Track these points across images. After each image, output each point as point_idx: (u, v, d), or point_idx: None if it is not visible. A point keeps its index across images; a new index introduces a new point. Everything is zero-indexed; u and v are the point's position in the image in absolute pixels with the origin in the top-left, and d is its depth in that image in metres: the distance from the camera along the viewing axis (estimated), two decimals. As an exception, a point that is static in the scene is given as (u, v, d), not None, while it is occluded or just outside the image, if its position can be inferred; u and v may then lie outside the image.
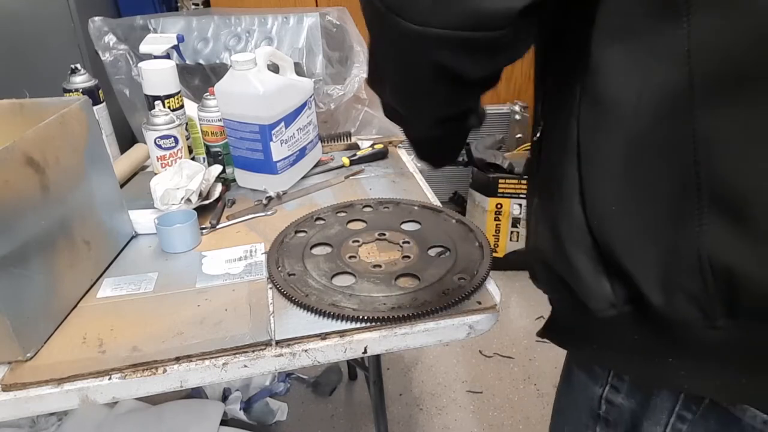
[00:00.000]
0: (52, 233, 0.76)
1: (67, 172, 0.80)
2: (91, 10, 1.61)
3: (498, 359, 1.88)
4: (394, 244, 0.90)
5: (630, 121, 0.42)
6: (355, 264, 0.85)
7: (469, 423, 1.65)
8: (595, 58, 0.43)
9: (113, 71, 1.43)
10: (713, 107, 0.39)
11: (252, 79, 1.02)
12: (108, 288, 0.84)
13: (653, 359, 0.48)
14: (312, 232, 0.95)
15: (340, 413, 1.70)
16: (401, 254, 0.87)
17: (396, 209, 1.01)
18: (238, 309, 0.78)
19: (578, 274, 0.47)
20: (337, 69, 1.54)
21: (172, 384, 0.69)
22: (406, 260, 0.85)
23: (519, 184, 2.12)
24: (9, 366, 0.69)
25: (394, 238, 0.91)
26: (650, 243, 0.43)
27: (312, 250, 0.90)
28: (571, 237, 0.47)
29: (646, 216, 0.43)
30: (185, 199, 0.99)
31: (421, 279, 0.80)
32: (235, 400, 1.62)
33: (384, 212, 1.01)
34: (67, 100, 0.84)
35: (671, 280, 0.42)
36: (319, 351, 0.72)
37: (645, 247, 0.43)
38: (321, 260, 0.87)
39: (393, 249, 0.89)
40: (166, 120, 1.07)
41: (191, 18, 1.60)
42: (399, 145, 1.34)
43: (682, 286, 0.42)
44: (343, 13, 1.55)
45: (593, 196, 0.45)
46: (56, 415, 1.47)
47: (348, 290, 0.78)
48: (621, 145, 0.43)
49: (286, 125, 1.08)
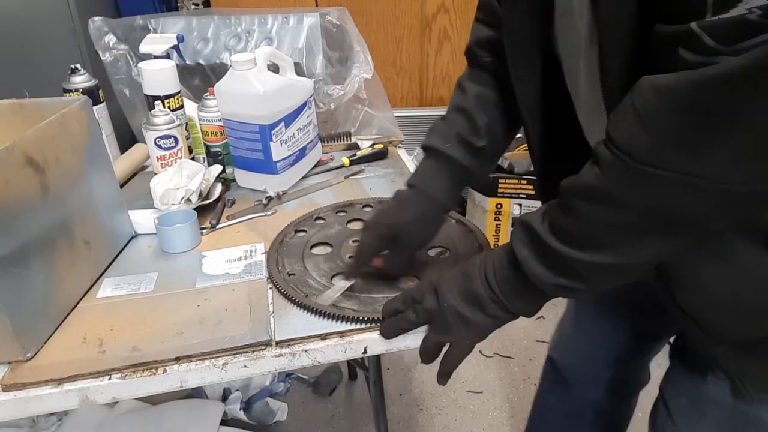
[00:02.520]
0: (52, 233, 0.76)
1: (67, 172, 0.80)
2: (91, 10, 1.60)
3: (498, 359, 1.88)
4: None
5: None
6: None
7: (469, 423, 1.65)
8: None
9: (113, 71, 1.43)
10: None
11: (252, 79, 1.02)
12: (108, 288, 0.84)
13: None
14: (312, 231, 0.95)
15: (340, 413, 1.70)
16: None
17: None
18: (238, 309, 0.78)
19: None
20: (337, 69, 1.54)
21: (172, 384, 0.69)
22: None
23: (519, 184, 2.12)
24: (9, 366, 0.69)
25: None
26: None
27: (312, 250, 0.90)
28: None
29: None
30: (185, 199, 0.99)
31: (421, 279, 0.80)
32: (235, 400, 1.62)
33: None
34: (67, 100, 0.84)
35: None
36: (319, 351, 0.72)
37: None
38: (321, 260, 0.87)
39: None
40: (166, 120, 1.07)
41: (191, 18, 1.60)
42: (399, 145, 1.34)
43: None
44: (343, 13, 1.55)
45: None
46: (56, 415, 1.47)
47: (348, 291, 0.78)
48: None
49: (286, 125, 1.08)
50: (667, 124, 0.43)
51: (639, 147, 0.45)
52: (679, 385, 0.71)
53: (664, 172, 0.44)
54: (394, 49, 2.35)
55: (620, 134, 0.47)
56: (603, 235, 0.52)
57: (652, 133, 0.44)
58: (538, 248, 0.56)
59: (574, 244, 0.53)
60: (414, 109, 2.30)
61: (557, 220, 0.55)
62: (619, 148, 0.47)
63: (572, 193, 0.53)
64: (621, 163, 0.46)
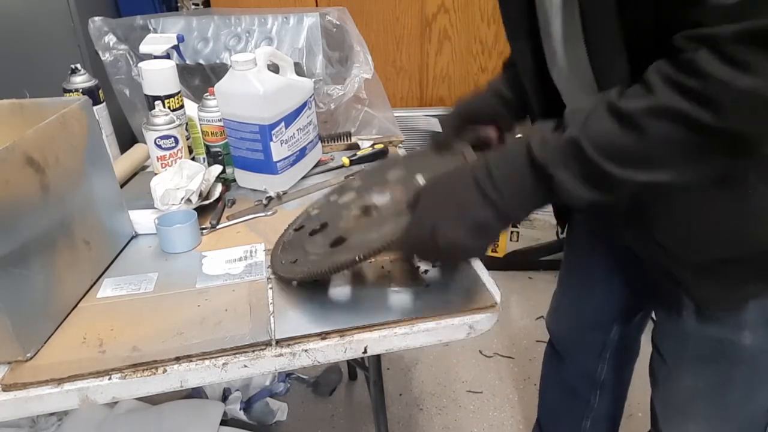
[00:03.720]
0: (52, 233, 0.76)
1: (67, 172, 0.80)
2: (91, 10, 1.60)
3: (498, 359, 1.88)
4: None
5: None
6: (349, 227, 0.83)
7: (469, 423, 1.65)
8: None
9: (113, 71, 1.43)
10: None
11: (252, 79, 1.02)
12: (108, 288, 0.84)
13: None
14: (309, 224, 0.94)
15: (340, 413, 1.70)
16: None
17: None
18: (238, 309, 0.78)
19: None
20: (337, 69, 1.54)
21: (172, 384, 0.69)
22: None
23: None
24: (9, 366, 0.69)
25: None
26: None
27: (311, 237, 0.88)
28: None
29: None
30: (185, 199, 0.99)
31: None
32: (235, 400, 1.62)
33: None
34: (67, 100, 0.84)
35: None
36: (319, 351, 0.72)
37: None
38: (318, 238, 0.85)
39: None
40: (166, 120, 1.07)
41: (191, 18, 1.60)
42: (399, 145, 1.34)
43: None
44: (343, 13, 1.54)
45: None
46: (56, 415, 1.47)
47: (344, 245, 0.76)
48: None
49: (286, 125, 1.08)
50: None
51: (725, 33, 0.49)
52: (663, 328, 0.82)
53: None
54: (394, 49, 2.35)
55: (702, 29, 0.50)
56: (672, 153, 0.54)
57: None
58: (581, 168, 0.57)
59: (631, 164, 0.55)
60: (414, 109, 2.30)
61: (610, 139, 0.55)
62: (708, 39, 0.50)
63: (644, 114, 0.54)
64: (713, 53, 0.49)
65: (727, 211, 0.63)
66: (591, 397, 1.12)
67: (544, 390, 1.25)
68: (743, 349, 0.71)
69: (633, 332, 1.06)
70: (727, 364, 0.73)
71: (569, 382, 1.14)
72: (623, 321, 1.03)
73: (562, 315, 1.13)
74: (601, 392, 1.11)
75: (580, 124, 0.57)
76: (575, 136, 0.57)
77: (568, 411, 1.17)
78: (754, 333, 0.70)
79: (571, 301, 1.09)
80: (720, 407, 0.77)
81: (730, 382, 0.74)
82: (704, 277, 0.68)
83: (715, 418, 0.79)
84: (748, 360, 0.72)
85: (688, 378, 0.79)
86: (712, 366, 0.75)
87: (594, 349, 1.06)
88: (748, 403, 0.76)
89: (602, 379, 1.09)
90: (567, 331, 1.12)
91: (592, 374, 1.09)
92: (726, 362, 0.73)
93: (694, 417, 0.80)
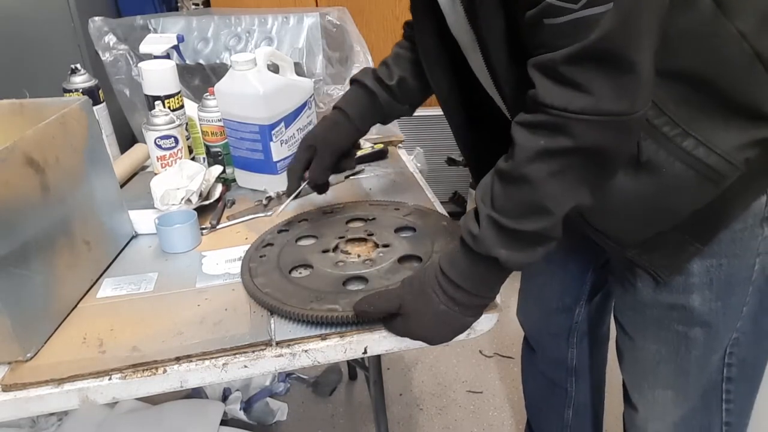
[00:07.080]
0: (52, 233, 0.76)
1: (67, 172, 0.80)
2: (91, 10, 1.60)
3: (498, 359, 1.88)
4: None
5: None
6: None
7: (469, 423, 1.65)
8: None
9: (113, 71, 1.43)
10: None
11: (252, 79, 1.02)
12: (108, 288, 0.84)
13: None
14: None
15: (340, 413, 1.70)
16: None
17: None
18: (238, 309, 0.78)
19: None
20: (337, 69, 1.54)
21: (172, 384, 0.70)
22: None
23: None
24: (9, 366, 0.69)
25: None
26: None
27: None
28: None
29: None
30: (185, 199, 0.99)
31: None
32: (235, 400, 1.62)
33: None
34: (67, 100, 0.84)
35: None
36: (319, 351, 0.72)
37: None
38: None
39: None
40: (166, 120, 1.07)
41: (191, 18, 1.60)
42: (399, 145, 1.34)
43: None
44: (343, 13, 1.55)
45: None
46: (56, 415, 1.47)
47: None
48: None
49: (286, 125, 1.08)
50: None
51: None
52: (622, 302, 0.87)
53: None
54: (394, 49, 2.35)
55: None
56: (567, 183, 0.59)
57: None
58: (505, 237, 0.62)
59: (539, 211, 0.60)
60: (414, 109, 2.30)
61: (506, 199, 0.61)
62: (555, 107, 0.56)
63: (519, 165, 0.59)
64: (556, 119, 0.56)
65: (650, 194, 0.67)
66: (567, 385, 1.15)
67: (525, 386, 1.27)
68: (695, 311, 0.76)
69: (597, 314, 1.09)
70: (683, 327, 0.78)
71: (545, 373, 1.17)
72: (587, 300, 1.06)
73: (529, 305, 1.16)
74: (576, 379, 1.14)
75: (489, 202, 0.63)
76: (489, 213, 0.62)
77: (550, 403, 1.20)
78: (701, 295, 0.74)
79: (536, 288, 1.12)
80: (683, 369, 0.81)
81: (688, 344, 0.79)
82: (647, 251, 0.72)
83: (679, 379, 0.83)
84: (699, 321, 0.76)
85: (650, 345, 0.83)
86: (671, 331, 0.79)
87: (561, 333, 1.10)
88: (707, 362, 0.80)
89: (574, 364, 1.12)
90: (535, 320, 1.15)
91: (564, 361, 1.13)
92: (681, 325, 0.78)
93: (661, 381, 0.84)
